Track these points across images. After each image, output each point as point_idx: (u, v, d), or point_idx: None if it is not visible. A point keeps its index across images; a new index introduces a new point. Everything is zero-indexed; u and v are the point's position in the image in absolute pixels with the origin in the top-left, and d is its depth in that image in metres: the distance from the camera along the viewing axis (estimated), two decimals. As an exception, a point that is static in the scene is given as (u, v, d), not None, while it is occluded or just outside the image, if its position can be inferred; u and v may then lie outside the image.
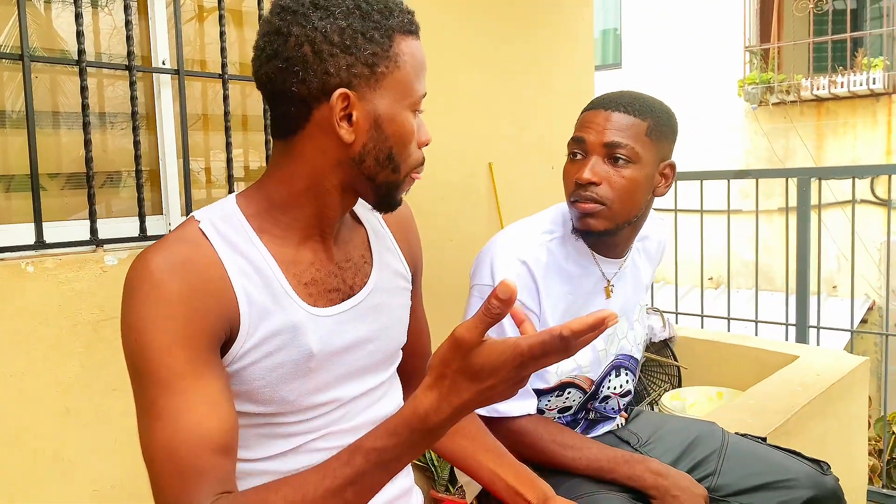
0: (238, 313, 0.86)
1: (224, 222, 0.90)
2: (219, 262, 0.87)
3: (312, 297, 0.93)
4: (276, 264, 0.90)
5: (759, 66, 8.92)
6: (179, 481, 0.79)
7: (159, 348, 0.81)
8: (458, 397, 0.72)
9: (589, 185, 1.26)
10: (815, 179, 3.62)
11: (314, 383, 0.93)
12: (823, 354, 2.72)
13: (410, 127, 0.91)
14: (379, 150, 0.90)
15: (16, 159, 1.80)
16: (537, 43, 3.07)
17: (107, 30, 1.99)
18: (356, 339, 0.97)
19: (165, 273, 0.83)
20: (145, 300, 0.82)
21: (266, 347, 0.88)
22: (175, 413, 0.80)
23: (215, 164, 2.23)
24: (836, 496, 1.37)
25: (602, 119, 1.27)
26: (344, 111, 0.87)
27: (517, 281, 1.28)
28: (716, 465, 1.37)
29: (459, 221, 2.69)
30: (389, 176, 0.92)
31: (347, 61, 0.86)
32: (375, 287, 1.00)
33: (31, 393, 1.61)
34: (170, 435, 0.80)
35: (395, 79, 0.88)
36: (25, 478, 1.61)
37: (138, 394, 0.83)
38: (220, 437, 0.81)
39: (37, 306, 1.61)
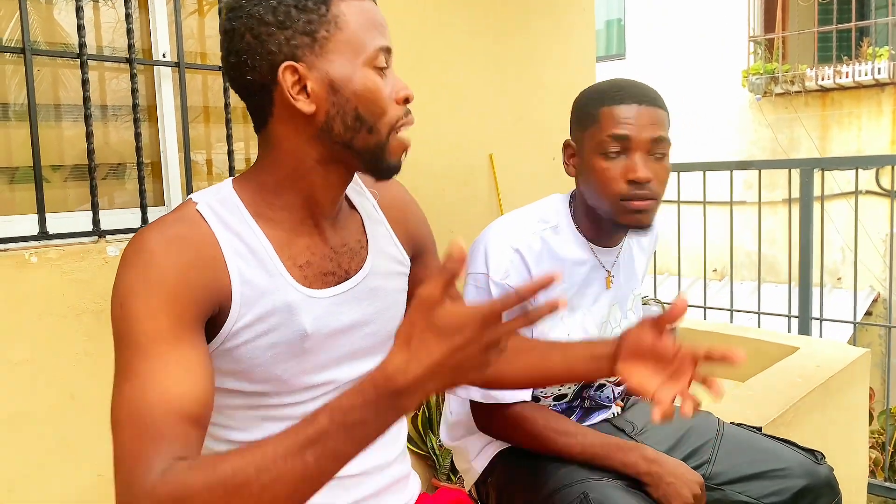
0: (230, 292, 0.88)
1: (221, 205, 0.92)
2: (214, 241, 0.88)
3: (307, 280, 0.94)
4: (271, 246, 0.92)
5: (764, 56, 8.88)
6: (139, 442, 0.76)
7: (142, 314, 0.81)
8: (426, 356, 0.71)
9: (646, 184, 1.27)
10: (819, 170, 3.62)
11: (310, 364, 0.94)
12: (824, 346, 2.73)
13: (373, 84, 0.90)
14: (344, 112, 0.90)
15: (19, 151, 1.81)
16: (538, 34, 3.07)
17: (108, 23, 2.00)
18: (352, 321, 0.98)
19: (159, 246, 0.85)
20: (135, 270, 0.84)
21: (261, 327, 0.90)
22: (146, 376, 0.79)
23: (216, 156, 2.24)
24: (829, 485, 1.38)
25: (642, 115, 1.27)
26: (297, 84, 0.89)
27: (510, 268, 1.30)
28: (711, 453, 1.39)
29: (460, 212, 2.70)
30: (367, 138, 0.92)
31: (286, 35, 0.88)
32: (371, 271, 1.01)
33: (35, 380, 1.63)
34: (137, 396, 0.78)
35: (339, 40, 0.89)
36: (31, 463, 1.63)
37: (117, 361, 0.82)
38: (189, 404, 0.79)
39: (41, 296, 1.63)
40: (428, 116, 2.51)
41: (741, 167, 4.03)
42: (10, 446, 1.60)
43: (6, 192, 1.81)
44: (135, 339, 0.81)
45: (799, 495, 1.36)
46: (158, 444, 0.75)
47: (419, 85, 2.50)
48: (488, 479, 1.43)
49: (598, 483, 1.25)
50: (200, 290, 0.85)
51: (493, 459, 1.42)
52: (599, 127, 1.29)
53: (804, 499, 1.36)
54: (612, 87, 1.32)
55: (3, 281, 1.59)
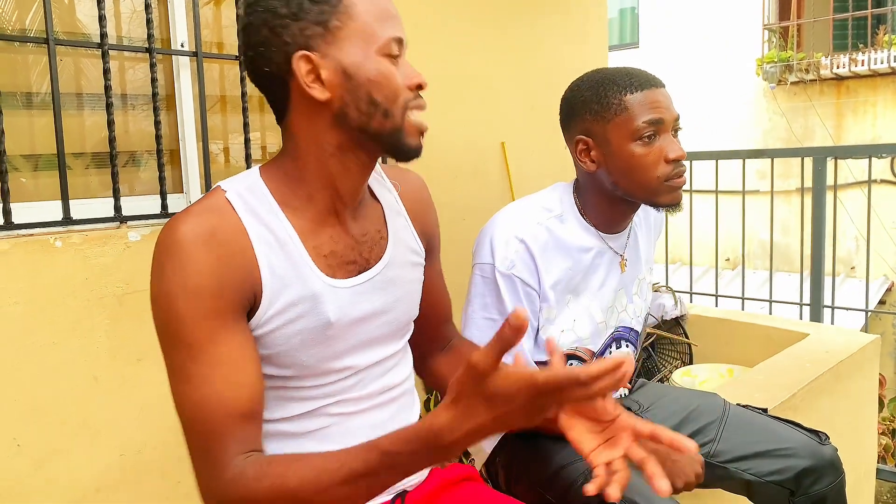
0: (261, 282, 0.91)
1: (249, 193, 0.95)
2: (244, 231, 0.91)
3: (331, 269, 0.97)
4: (297, 236, 0.95)
5: (778, 44, 8.81)
6: (208, 441, 0.86)
7: (187, 318, 0.86)
8: (472, 420, 0.74)
9: (682, 161, 1.33)
10: (832, 159, 3.61)
11: (332, 350, 0.98)
12: (834, 332, 2.74)
13: (386, 70, 0.93)
14: (357, 98, 0.93)
15: (42, 140, 1.86)
16: (550, 22, 3.08)
17: (126, 13, 2.04)
18: (372, 310, 1.01)
19: (194, 244, 0.87)
20: (174, 270, 0.87)
21: (287, 315, 0.93)
22: (201, 379, 0.86)
23: (233, 144, 2.28)
24: (833, 465, 1.41)
25: (664, 97, 1.33)
26: (311, 72, 0.92)
27: (516, 258, 1.32)
28: (716, 432, 1.42)
29: (472, 201, 2.73)
30: (383, 122, 0.94)
31: (299, 27, 0.91)
32: (391, 261, 1.04)
33: (59, 362, 1.68)
34: (198, 399, 0.86)
35: (352, 30, 0.92)
36: (54, 444, 1.69)
37: (168, 358, 0.89)
38: (244, 403, 0.88)
39: (65, 280, 1.68)
40: (440, 105, 2.53)
41: (754, 156, 4.03)
42: (36, 427, 1.65)
43: (30, 179, 1.86)
44: (184, 341, 0.87)
45: (802, 474, 1.38)
46: (225, 442, 0.86)
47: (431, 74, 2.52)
48: (497, 458, 1.47)
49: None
50: (237, 282, 0.89)
51: (501, 439, 1.46)
52: (630, 115, 1.31)
53: (808, 478, 1.39)
54: (622, 75, 1.34)
55: (30, 265, 1.63)
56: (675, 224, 3.04)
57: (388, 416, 1.06)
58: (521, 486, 1.37)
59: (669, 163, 1.31)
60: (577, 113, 1.37)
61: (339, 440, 1.00)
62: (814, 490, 1.39)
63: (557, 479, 1.31)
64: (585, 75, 1.39)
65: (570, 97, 1.40)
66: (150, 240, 1.81)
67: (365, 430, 1.03)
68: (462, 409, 0.75)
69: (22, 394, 1.63)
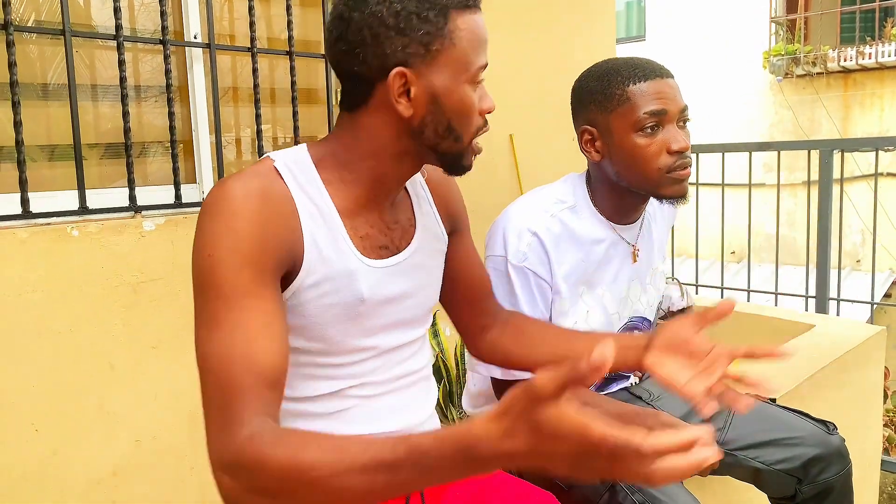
0: (303, 249, 0.93)
1: (297, 165, 0.97)
2: (291, 198, 0.93)
3: (366, 250, 1.00)
4: (337, 214, 0.97)
5: (786, 37, 8.78)
6: (229, 393, 0.82)
7: (229, 265, 0.86)
8: (510, 442, 0.66)
9: (686, 152, 1.32)
10: (839, 151, 3.61)
11: (360, 328, 1.01)
12: (839, 324, 2.75)
13: (469, 100, 0.96)
14: (437, 122, 0.96)
15: (57, 130, 1.88)
16: (558, 15, 3.09)
17: (139, 5, 2.06)
18: (400, 292, 1.05)
19: (243, 199, 0.88)
20: (221, 220, 0.87)
21: (324, 287, 0.96)
22: (231, 328, 0.84)
23: (245, 135, 2.30)
24: (840, 454, 1.42)
25: (669, 87, 1.32)
26: (402, 88, 0.93)
27: (528, 252, 1.32)
28: (725, 420, 1.43)
29: (481, 193, 2.74)
30: (452, 145, 0.98)
31: (403, 42, 0.92)
32: (418, 248, 1.08)
33: (76, 349, 1.71)
34: (224, 349, 0.84)
35: (450, 55, 0.93)
36: (71, 430, 1.72)
37: (201, 307, 0.87)
38: (270, 367, 0.85)
39: (81, 268, 1.71)
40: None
41: (760, 148, 4.03)
42: (53, 413, 1.68)
43: (47, 169, 1.88)
44: (222, 289, 0.85)
45: (810, 463, 1.40)
46: (246, 398, 0.82)
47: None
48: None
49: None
50: (281, 244, 0.90)
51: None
52: (633, 106, 1.30)
53: (815, 467, 1.40)
54: (627, 65, 1.34)
55: (47, 254, 1.66)
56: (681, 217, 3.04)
57: (407, 401, 1.09)
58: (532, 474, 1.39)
59: (672, 154, 1.30)
60: (583, 103, 1.38)
61: (360, 422, 1.04)
62: (821, 478, 1.40)
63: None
64: (594, 65, 1.40)
65: (578, 87, 1.40)
66: (164, 229, 1.83)
67: (384, 412, 1.06)
68: (504, 427, 0.66)
69: (40, 380, 1.66)
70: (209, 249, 0.87)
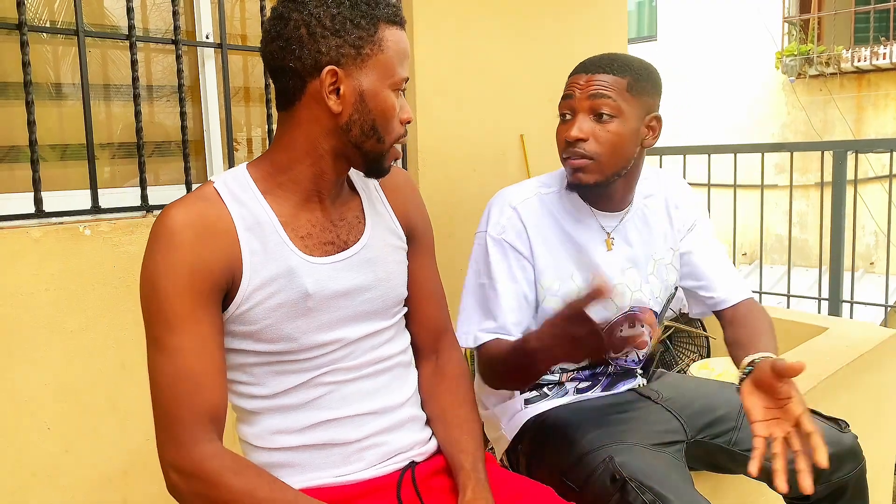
0: (241, 262, 1.01)
1: (234, 181, 1.05)
2: (228, 216, 1.01)
3: (308, 248, 1.07)
4: (276, 219, 1.05)
5: (799, 37, 8.72)
6: (178, 409, 0.96)
7: (169, 292, 0.96)
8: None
9: (577, 142, 1.35)
10: (852, 153, 3.59)
11: (316, 323, 1.07)
12: (853, 326, 2.73)
13: (392, 104, 1.05)
14: (363, 121, 1.04)
15: (70, 130, 1.89)
16: (569, 15, 3.08)
17: (151, 5, 2.07)
18: (353, 286, 1.10)
19: (180, 226, 0.97)
20: (160, 250, 0.97)
21: (267, 290, 1.03)
22: (177, 351, 0.96)
23: (256, 135, 2.31)
24: (854, 453, 1.41)
25: (584, 81, 1.36)
26: (333, 85, 1.01)
27: (507, 224, 1.40)
28: (736, 420, 1.42)
29: (491, 193, 2.73)
30: (375, 145, 1.06)
31: (337, 42, 1.00)
32: (368, 243, 1.13)
33: (88, 348, 1.72)
34: (170, 373, 0.97)
35: (378, 61, 1.03)
36: (83, 428, 1.72)
37: (148, 330, 0.99)
38: (208, 378, 0.98)
39: (94, 267, 1.72)
40: (459, 98, 2.55)
41: (773, 149, 4.01)
42: (65, 411, 1.69)
43: (59, 169, 1.89)
44: (164, 315, 0.96)
45: (823, 462, 1.39)
46: (189, 421, 0.96)
47: (450, 67, 2.54)
48: (518, 446, 1.49)
49: (623, 447, 1.30)
50: (217, 264, 0.99)
51: (523, 427, 1.47)
52: None
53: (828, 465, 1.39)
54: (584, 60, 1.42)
55: (60, 253, 1.67)
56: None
57: (381, 385, 1.14)
58: (543, 472, 1.39)
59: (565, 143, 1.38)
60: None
61: (334, 407, 1.10)
62: (835, 477, 1.39)
63: (579, 467, 1.32)
64: None
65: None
66: (175, 229, 1.84)
67: (358, 396, 1.11)
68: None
69: (52, 378, 1.67)
70: (150, 276, 0.98)
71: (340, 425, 1.10)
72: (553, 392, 1.49)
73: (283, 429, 1.09)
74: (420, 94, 2.35)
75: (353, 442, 1.10)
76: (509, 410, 1.51)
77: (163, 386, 0.97)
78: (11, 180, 1.81)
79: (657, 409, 1.44)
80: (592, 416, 1.40)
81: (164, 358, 0.97)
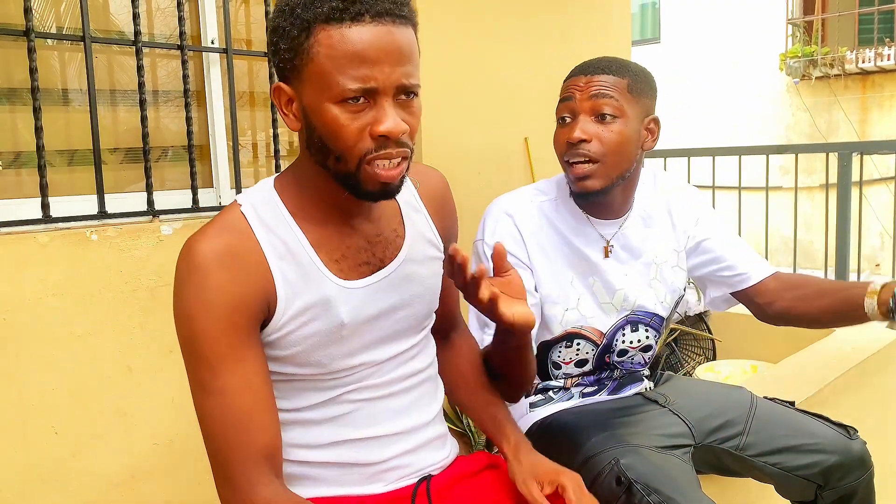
0: (275, 293, 0.96)
1: (263, 204, 0.98)
2: (258, 247, 0.95)
3: (343, 272, 1.00)
4: (308, 244, 0.98)
5: (802, 38, 8.72)
6: (229, 457, 0.92)
7: (207, 335, 0.91)
8: None
9: (580, 144, 1.33)
10: (857, 154, 3.58)
11: (347, 349, 1.01)
12: (859, 329, 2.71)
13: (333, 119, 0.89)
14: (312, 138, 0.94)
15: (77, 135, 1.90)
16: (573, 18, 3.08)
17: (157, 11, 2.08)
18: (387, 307, 1.04)
19: (211, 263, 0.91)
20: (192, 287, 0.92)
21: (301, 319, 0.97)
22: (220, 392, 0.92)
23: (261, 140, 2.32)
24: (862, 460, 1.40)
25: (585, 81, 1.35)
26: (286, 101, 0.94)
27: (503, 231, 1.39)
28: (744, 425, 1.41)
29: (495, 195, 2.74)
30: (336, 165, 0.93)
31: (277, 57, 0.93)
32: (406, 258, 1.06)
33: (95, 352, 1.72)
34: (220, 412, 0.92)
35: (310, 71, 0.89)
36: (91, 432, 1.73)
37: (190, 372, 0.94)
38: (258, 416, 0.94)
39: (100, 272, 1.72)
40: (463, 101, 2.55)
41: (778, 151, 4.00)
42: (73, 415, 1.70)
43: (66, 174, 1.90)
44: (205, 358, 0.92)
45: (831, 469, 1.38)
46: (246, 465, 0.92)
47: (454, 71, 2.54)
48: (524, 449, 1.48)
49: (629, 449, 1.29)
50: (253, 298, 0.94)
51: (528, 430, 1.47)
52: None
53: (836, 473, 1.38)
54: (581, 63, 1.40)
55: (67, 258, 1.68)
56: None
57: (410, 402, 1.09)
58: (549, 476, 1.38)
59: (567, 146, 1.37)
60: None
61: (360, 426, 1.05)
62: (842, 484, 1.39)
63: (584, 470, 1.31)
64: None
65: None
66: (181, 233, 1.85)
67: (387, 414, 1.06)
68: None
69: (60, 383, 1.67)
70: (186, 319, 0.92)
71: (365, 446, 1.05)
72: (558, 396, 1.48)
73: (303, 443, 1.04)
74: (423, 97, 2.35)
75: (376, 463, 1.06)
76: (514, 414, 1.50)
77: (213, 429, 0.93)
78: (19, 185, 1.81)
79: (664, 413, 1.44)
80: (598, 420, 1.40)
81: (211, 401, 0.92)
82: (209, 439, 0.93)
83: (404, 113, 0.92)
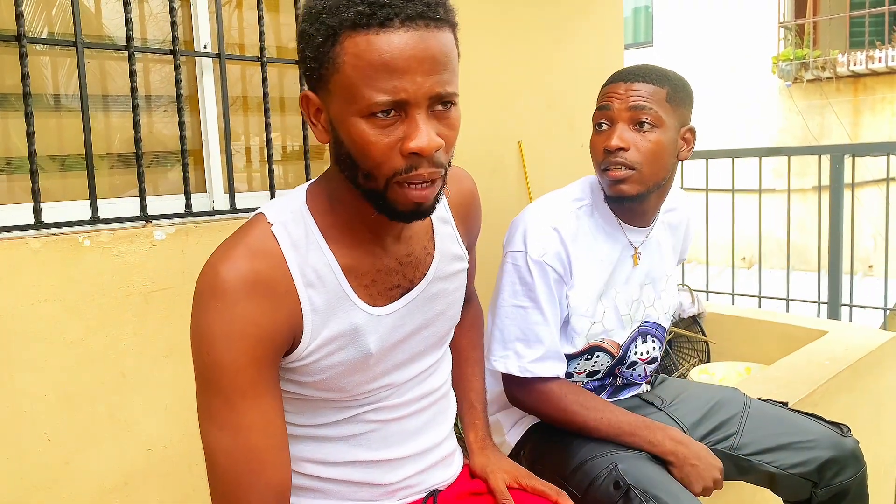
0: (302, 322, 0.90)
1: (294, 225, 0.91)
2: (288, 275, 0.89)
3: (372, 297, 0.96)
4: (339, 269, 0.92)
5: (794, 42, 8.76)
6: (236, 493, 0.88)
7: (227, 364, 0.85)
8: None
9: (618, 152, 1.32)
10: (849, 156, 3.59)
11: (371, 374, 0.99)
12: (853, 330, 2.73)
13: (361, 136, 0.82)
14: (340, 153, 0.87)
15: (69, 140, 1.90)
16: (566, 22, 3.09)
17: (149, 16, 2.08)
18: (414, 328, 1.01)
19: (238, 292, 0.84)
20: (218, 318, 0.84)
21: (328, 348, 0.93)
22: (235, 428, 0.86)
23: (255, 145, 2.31)
24: (855, 457, 1.42)
25: (624, 89, 1.34)
26: (317, 112, 0.88)
27: (548, 246, 1.35)
28: (738, 426, 1.43)
29: (489, 199, 2.72)
30: (366, 182, 0.86)
31: (304, 65, 0.86)
32: (434, 277, 1.02)
33: (88, 358, 1.72)
34: (232, 448, 0.87)
35: (336, 82, 0.83)
36: (84, 438, 1.72)
37: (203, 399, 0.88)
38: (272, 455, 0.89)
39: (93, 277, 1.72)
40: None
41: (770, 154, 4.02)
42: (65, 422, 1.69)
43: (58, 179, 1.89)
44: (222, 390, 0.86)
45: (825, 466, 1.39)
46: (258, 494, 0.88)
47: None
48: (521, 452, 1.49)
49: (628, 454, 1.30)
50: (278, 332, 0.88)
51: (526, 433, 1.48)
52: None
53: (830, 469, 1.39)
54: (620, 70, 1.40)
55: (60, 263, 1.67)
56: (692, 222, 3.04)
57: (424, 423, 1.07)
58: (545, 478, 1.39)
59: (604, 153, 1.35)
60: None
61: (375, 447, 1.02)
62: (836, 481, 1.39)
63: (580, 473, 1.32)
64: None
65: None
66: (174, 239, 1.84)
67: (402, 436, 1.04)
68: None
69: (52, 389, 1.66)
70: (206, 344, 0.85)
71: (378, 468, 1.03)
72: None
73: (315, 458, 1.01)
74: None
75: (387, 485, 1.04)
76: (513, 416, 1.51)
77: (222, 464, 0.87)
78: (11, 191, 1.81)
79: (661, 417, 1.44)
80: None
81: (224, 435, 0.86)
82: (217, 474, 0.88)
83: (440, 125, 0.84)
